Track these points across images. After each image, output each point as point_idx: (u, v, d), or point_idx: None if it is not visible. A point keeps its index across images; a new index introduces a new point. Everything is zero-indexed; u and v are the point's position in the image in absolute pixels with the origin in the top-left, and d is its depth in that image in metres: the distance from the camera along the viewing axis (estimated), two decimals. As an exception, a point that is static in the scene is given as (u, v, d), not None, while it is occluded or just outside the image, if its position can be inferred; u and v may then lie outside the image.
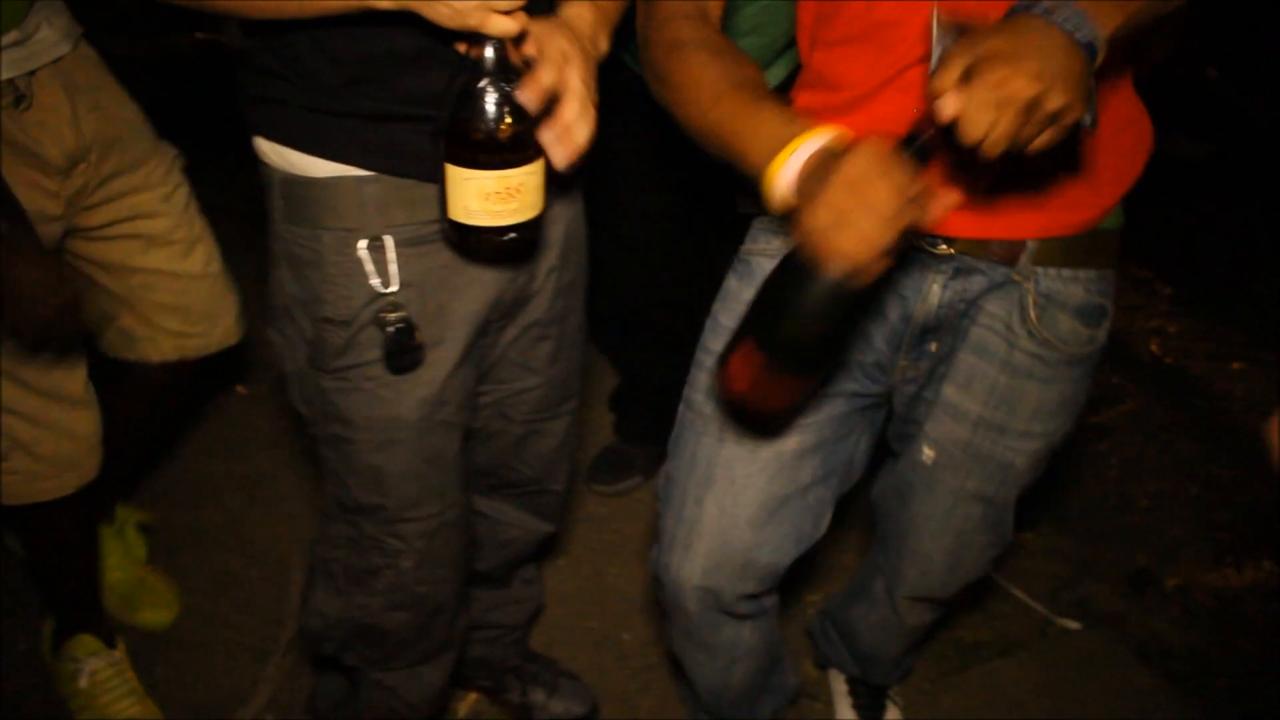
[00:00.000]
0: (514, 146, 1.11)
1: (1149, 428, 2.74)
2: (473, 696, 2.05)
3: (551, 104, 1.13)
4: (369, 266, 1.26)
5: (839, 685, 2.04)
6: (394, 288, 1.27)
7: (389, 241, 1.26)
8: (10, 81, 1.47)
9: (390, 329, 1.28)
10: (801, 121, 1.06)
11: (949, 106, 0.94)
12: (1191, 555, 2.42)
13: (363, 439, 1.37)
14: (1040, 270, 1.30)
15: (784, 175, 1.03)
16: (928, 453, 1.43)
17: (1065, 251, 1.30)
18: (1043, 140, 0.96)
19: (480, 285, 1.34)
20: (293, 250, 1.29)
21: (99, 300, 1.74)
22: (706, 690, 1.74)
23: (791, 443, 1.40)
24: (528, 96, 1.10)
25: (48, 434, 1.66)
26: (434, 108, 1.12)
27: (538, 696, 2.01)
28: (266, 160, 1.28)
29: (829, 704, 2.09)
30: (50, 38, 1.53)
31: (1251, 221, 3.48)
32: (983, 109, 0.93)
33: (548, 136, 1.14)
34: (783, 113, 1.07)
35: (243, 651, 2.09)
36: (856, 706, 1.99)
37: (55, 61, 1.54)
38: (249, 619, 2.15)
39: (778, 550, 1.46)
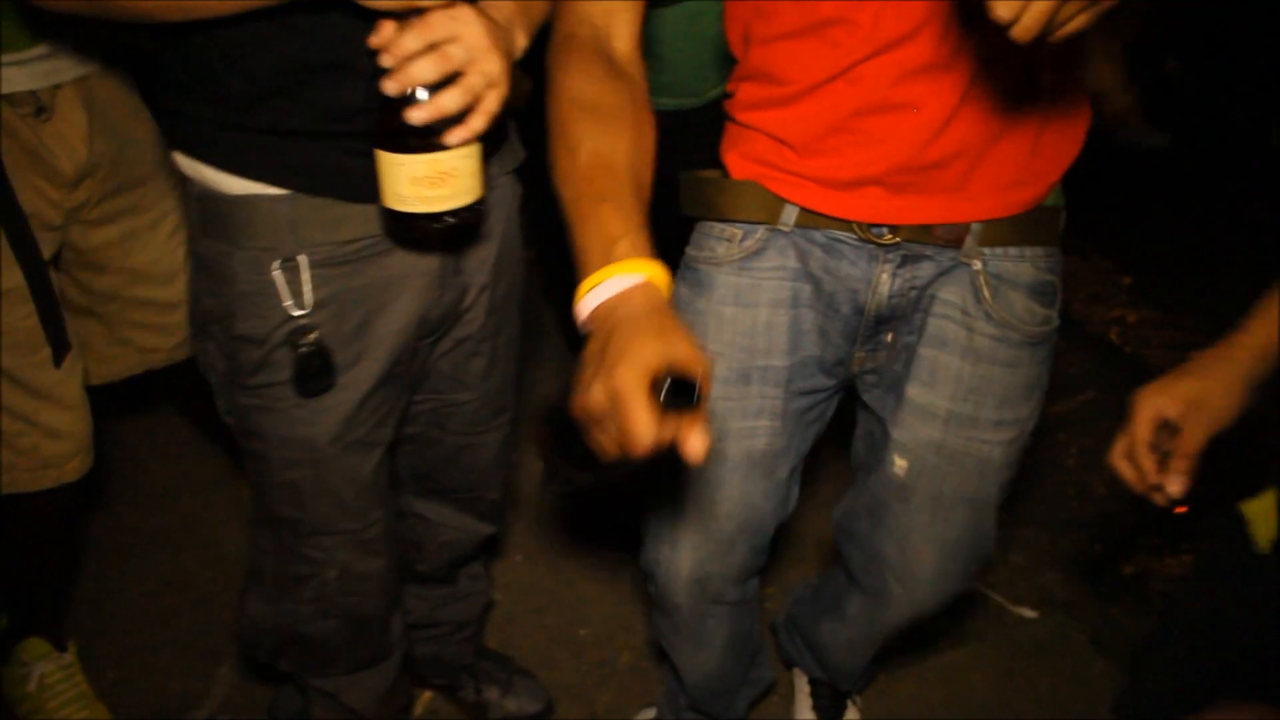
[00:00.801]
0: (440, 129, 1.08)
1: (1107, 418, 2.74)
2: (428, 695, 2.05)
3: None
4: (282, 288, 1.23)
5: (801, 684, 2.03)
6: (307, 310, 1.25)
7: (303, 262, 1.23)
8: (34, 93, 1.51)
9: (302, 351, 1.26)
10: (623, 243, 0.96)
11: None
12: (1146, 544, 2.43)
13: (277, 456, 1.36)
14: (987, 251, 1.31)
15: (585, 304, 0.96)
16: (899, 463, 1.41)
17: (1010, 231, 1.30)
18: (1076, 23, 0.85)
19: (403, 304, 1.32)
20: (208, 264, 1.27)
21: (76, 324, 1.73)
22: (695, 684, 1.76)
23: (760, 443, 1.40)
24: (425, 67, 1.04)
25: (34, 431, 1.64)
26: (350, 122, 1.11)
27: (492, 694, 2.01)
28: (184, 173, 1.26)
29: (787, 699, 2.10)
30: (76, 56, 1.56)
31: (1211, 212, 3.50)
32: None
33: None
34: (612, 223, 0.98)
35: (196, 654, 2.08)
36: (817, 708, 1.98)
37: (80, 79, 1.57)
38: (203, 621, 2.14)
39: (757, 534, 1.49)
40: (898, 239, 1.29)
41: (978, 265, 1.31)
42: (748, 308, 1.34)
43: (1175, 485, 1.16)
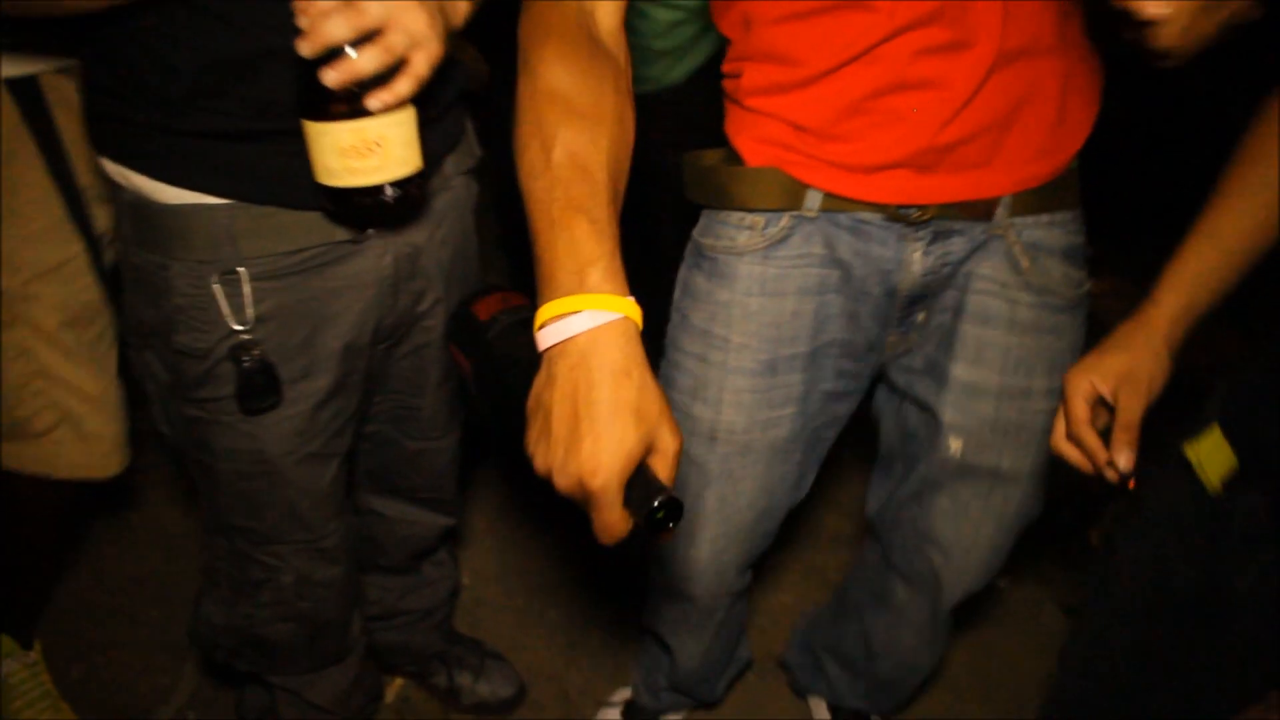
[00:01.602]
0: (363, 94, 1.00)
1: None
2: (398, 682, 2.04)
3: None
4: (222, 302, 1.17)
5: (820, 712, 2.01)
6: (249, 325, 1.19)
7: (245, 275, 1.17)
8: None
9: (245, 367, 1.20)
10: (596, 270, 0.86)
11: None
12: (1114, 511, 2.43)
13: (226, 468, 1.32)
14: (1019, 221, 1.29)
15: (549, 334, 0.85)
16: (954, 445, 1.40)
17: (1040, 199, 1.29)
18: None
19: (354, 314, 1.27)
20: (143, 276, 1.20)
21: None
22: (687, 670, 1.76)
23: (784, 432, 1.39)
24: (337, 23, 0.96)
25: (90, 412, 1.59)
26: (290, 121, 1.03)
27: (464, 679, 2.00)
28: (113, 179, 1.18)
29: (761, 677, 2.10)
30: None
31: (1178, 181, 3.49)
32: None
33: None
34: (586, 242, 0.86)
35: (162, 649, 2.05)
36: None
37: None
38: (167, 617, 2.11)
39: (774, 519, 1.49)
40: (927, 217, 1.26)
41: (1012, 236, 1.29)
42: (775, 297, 1.30)
43: (1124, 459, 1.15)
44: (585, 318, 0.82)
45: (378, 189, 1.05)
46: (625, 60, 1.05)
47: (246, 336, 1.19)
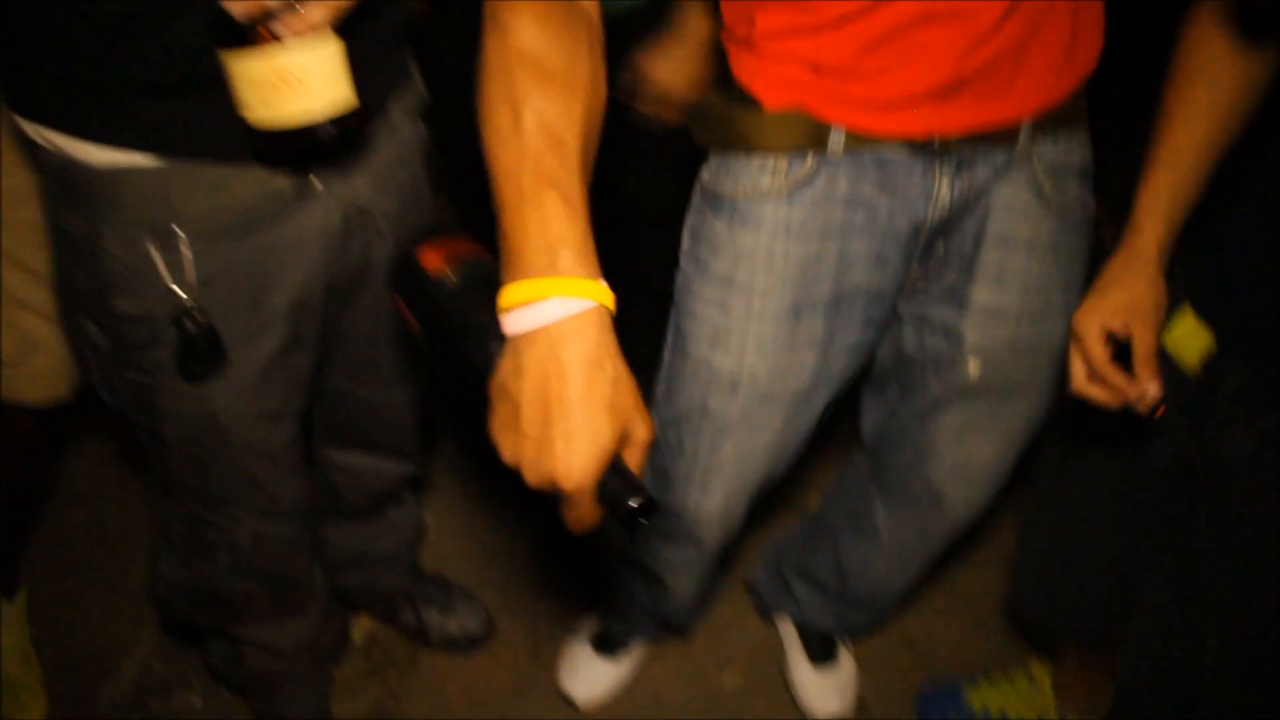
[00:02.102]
0: (274, 19, 0.92)
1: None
2: (365, 622, 2.03)
3: None
4: (160, 265, 1.11)
5: (789, 634, 2.04)
6: (191, 288, 1.13)
7: (182, 235, 1.10)
8: None
9: (186, 333, 1.14)
10: (568, 252, 0.80)
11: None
12: (1068, 408, 2.47)
13: (174, 433, 1.27)
14: (1040, 143, 1.28)
15: (516, 320, 0.80)
16: (974, 367, 1.40)
17: (1058, 120, 1.28)
18: None
19: (301, 271, 1.22)
20: (74, 241, 1.13)
21: None
22: (680, 606, 1.78)
23: (804, 379, 1.38)
24: None
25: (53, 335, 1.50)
26: (213, 69, 0.94)
27: (432, 617, 2.00)
28: (32, 140, 1.09)
29: (727, 592, 2.12)
30: None
31: (1129, 94, 3.50)
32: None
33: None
34: (557, 220, 0.81)
35: (123, 602, 2.02)
36: (810, 653, 1.99)
37: None
38: (124, 569, 2.08)
39: (787, 464, 1.50)
40: (952, 147, 1.24)
41: (1035, 160, 1.28)
42: (800, 241, 1.28)
43: (1154, 387, 1.17)
44: (556, 306, 0.78)
45: (309, 130, 0.97)
46: (598, 15, 0.99)
47: (188, 300, 1.13)
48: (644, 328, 1.62)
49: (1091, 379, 1.22)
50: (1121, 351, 1.19)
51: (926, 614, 2.15)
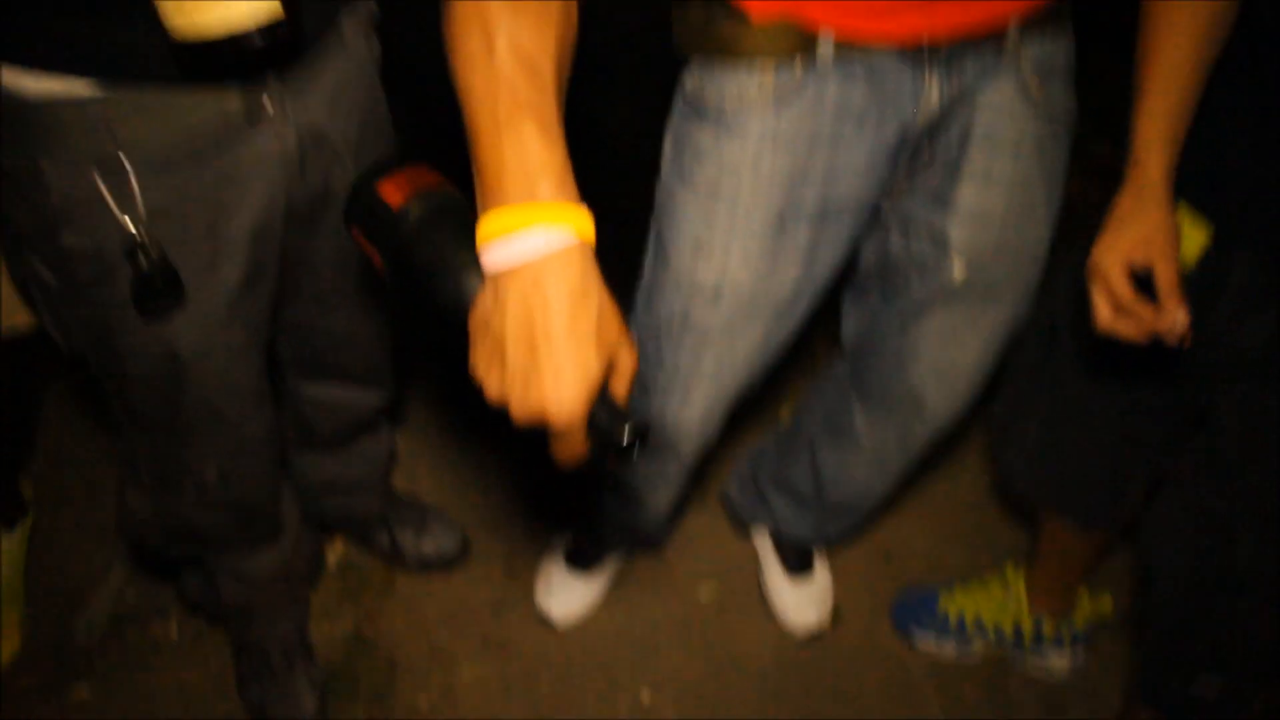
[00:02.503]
0: None
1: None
2: (340, 545, 2.02)
3: None
4: (108, 197, 1.05)
5: (764, 544, 2.05)
6: (142, 220, 1.07)
7: (129, 166, 1.04)
8: None
9: (140, 267, 1.09)
10: (547, 181, 0.77)
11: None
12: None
13: (135, 370, 1.23)
14: (1028, 43, 1.25)
15: (496, 254, 0.76)
16: (959, 268, 1.39)
17: (1047, 18, 1.25)
18: None
19: (258, 198, 1.17)
20: (14, 177, 1.07)
21: None
22: (655, 518, 1.78)
23: (787, 290, 1.36)
24: None
25: None
26: None
27: (406, 539, 2.00)
28: None
29: (700, 504, 2.13)
30: None
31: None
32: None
33: None
34: (534, 149, 0.77)
35: (93, 532, 2.01)
36: (786, 564, 2.01)
37: None
38: (95, 498, 2.06)
39: (766, 372, 1.49)
40: (940, 50, 1.21)
41: (1022, 60, 1.26)
42: (787, 152, 1.25)
43: (1183, 316, 1.17)
44: (537, 237, 0.74)
45: (233, 41, 0.90)
46: None
47: (140, 234, 1.08)
48: (614, 251, 1.58)
49: (1118, 315, 1.21)
50: (1141, 284, 1.18)
51: (901, 524, 2.16)
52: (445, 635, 1.93)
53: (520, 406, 0.75)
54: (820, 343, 2.29)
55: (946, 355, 1.49)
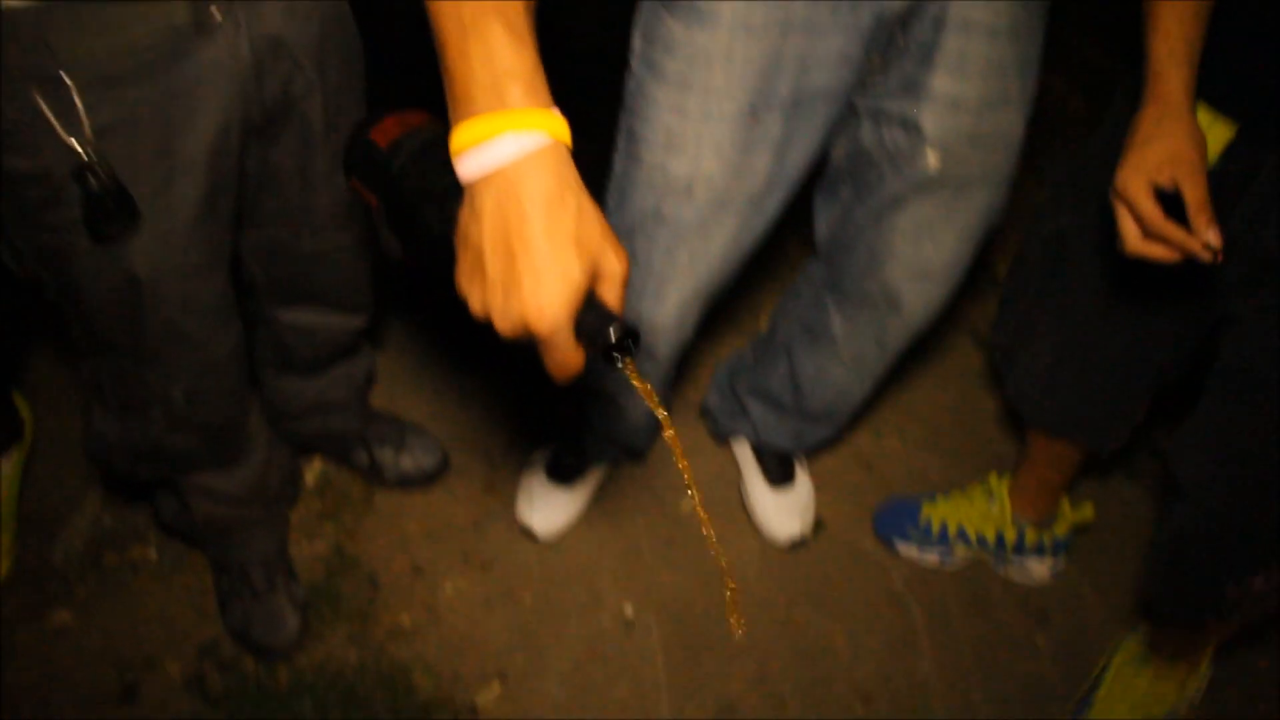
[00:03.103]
0: None
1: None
2: (318, 464, 2.01)
3: None
4: (50, 117, 1.00)
5: (744, 455, 2.04)
6: (89, 140, 1.02)
7: (70, 83, 0.99)
8: None
9: (90, 189, 1.05)
10: (518, 85, 0.73)
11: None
12: (1015, 244, 2.45)
13: (94, 294, 1.19)
14: None
15: (469, 163, 0.73)
16: (932, 159, 1.36)
17: None
18: None
19: (211, 112, 1.12)
20: None
21: None
22: (634, 424, 1.76)
23: (759, 181, 1.33)
24: None
25: None
26: None
27: (386, 455, 1.98)
28: None
29: (683, 419, 2.12)
30: None
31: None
32: None
33: None
34: (503, 51, 0.73)
35: (66, 458, 1.97)
36: (767, 473, 2.00)
37: None
38: (65, 424, 2.02)
39: (740, 268, 1.47)
40: None
41: None
42: (759, 38, 1.21)
43: (1214, 235, 1.12)
44: (509, 143, 0.72)
45: None
46: None
47: (87, 154, 1.04)
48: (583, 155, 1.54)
49: (1146, 237, 1.18)
50: (1167, 201, 1.15)
51: (882, 434, 2.16)
52: (426, 552, 1.93)
53: (502, 318, 0.74)
54: (794, 247, 2.26)
55: (921, 251, 1.47)
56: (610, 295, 0.77)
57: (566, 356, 0.75)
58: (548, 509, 1.95)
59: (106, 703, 1.72)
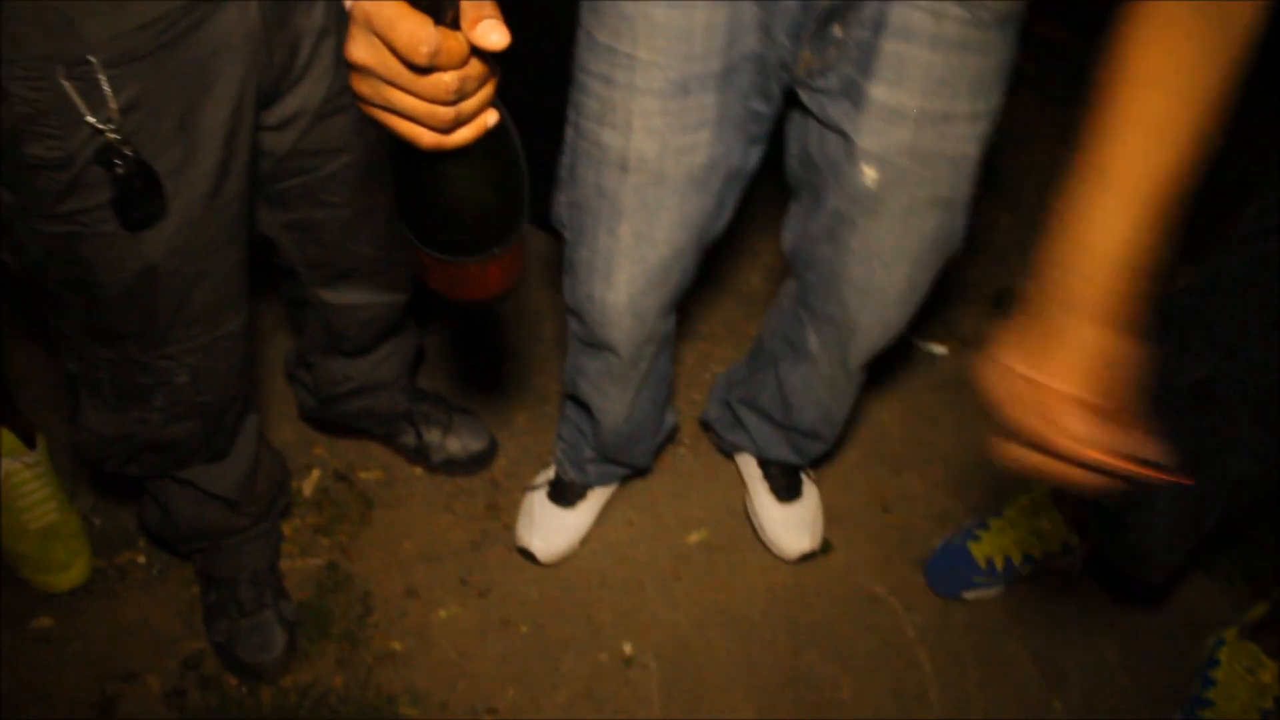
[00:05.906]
0: None
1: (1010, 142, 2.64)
2: (317, 474, 1.96)
3: None
4: (77, 100, 0.98)
5: (750, 470, 1.98)
6: (114, 121, 1.01)
7: (98, 64, 0.98)
8: None
9: (119, 173, 1.03)
10: None
11: None
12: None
13: (107, 280, 1.16)
14: None
15: None
16: (869, 174, 1.28)
17: None
18: None
19: (227, 80, 1.10)
20: None
21: None
22: (614, 430, 1.71)
23: (700, 158, 1.27)
24: None
25: None
26: None
27: (434, 436, 1.96)
28: None
29: (691, 450, 2.06)
30: None
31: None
32: None
33: None
34: None
35: (56, 460, 1.91)
36: (774, 489, 1.94)
37: None
38: (52, 426, 1.96)
39: (693, 256, 1.41)
40: None
41: None
42: (684, 8, 1.15)
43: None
44: None
45: None
46: None
47: (113, 135, 1.01)
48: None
49: None
50: None
51: (896, 473, 2.09)
52: (422, 573, 1.87)
53: (352, 50, 0.66)
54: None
55: (873, 278, 1.40)
56: None
57: (407, 32, 0.63)
58: (548, 530, 1.89)
59: (84, 715, 1.67)
